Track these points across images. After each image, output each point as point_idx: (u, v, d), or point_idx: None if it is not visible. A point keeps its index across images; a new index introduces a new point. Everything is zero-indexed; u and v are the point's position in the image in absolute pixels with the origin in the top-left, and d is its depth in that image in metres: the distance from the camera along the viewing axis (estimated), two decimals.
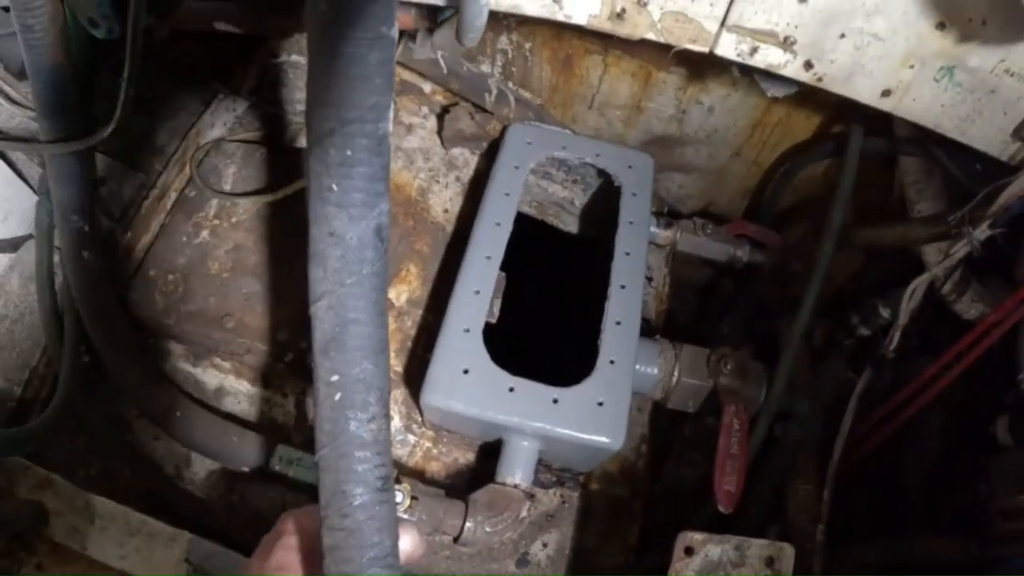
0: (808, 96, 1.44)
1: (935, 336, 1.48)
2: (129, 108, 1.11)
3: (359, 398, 0.71)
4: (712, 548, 1.05)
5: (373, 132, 0.69)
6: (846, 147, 1.47)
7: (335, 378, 0.71)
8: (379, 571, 0.70)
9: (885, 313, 1.56)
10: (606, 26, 1.22)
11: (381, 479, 0.72)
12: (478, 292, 1.25)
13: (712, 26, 1.19)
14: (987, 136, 1.25)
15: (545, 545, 1.27)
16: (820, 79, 1.19)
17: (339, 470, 0.71)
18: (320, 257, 0.70)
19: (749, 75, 1.31)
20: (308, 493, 1.19)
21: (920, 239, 1.45)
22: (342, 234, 0.68)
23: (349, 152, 0.68)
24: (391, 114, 0.70)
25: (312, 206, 0.69)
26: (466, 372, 1.17)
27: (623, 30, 1.22)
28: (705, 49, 1.19)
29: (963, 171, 1.37)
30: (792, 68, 1.18)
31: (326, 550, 0.71)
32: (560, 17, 1.21)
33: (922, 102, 1.22)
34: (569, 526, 1.29)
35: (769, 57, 1.18)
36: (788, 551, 1.06)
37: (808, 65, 1.18)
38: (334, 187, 0.67)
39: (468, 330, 1.21)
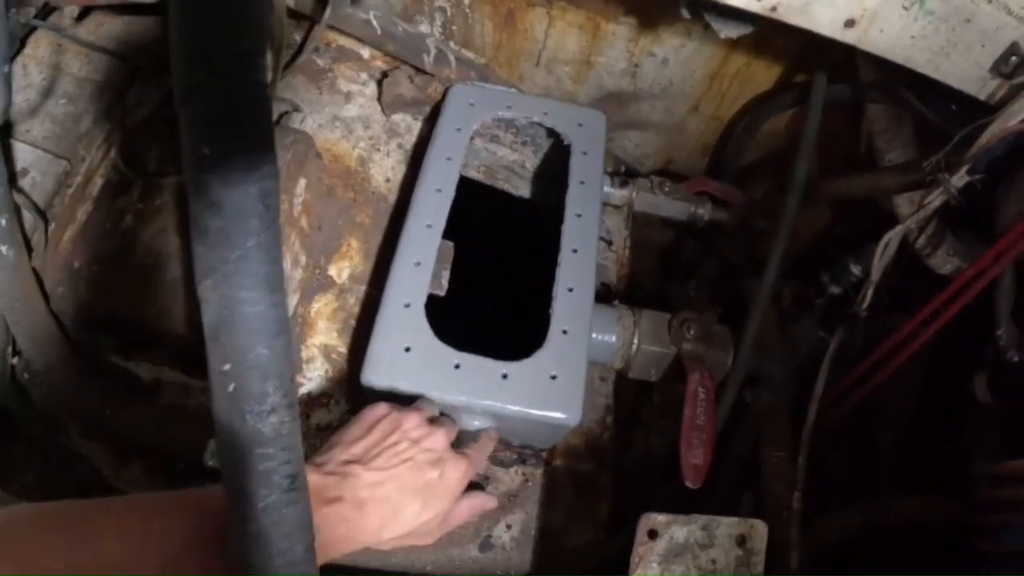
0: (767, 42, 1.36)
1: (910, 293, 1.42)
2: (11, 90, 1.03)
3: (255, 388, 0.63)
4: (678, 530, 0.98)
5: (246, 82, 0.60)
6: (809, 96, 1.38)
7: (227, 367, 0.63)
8: None
9: (856, 270, 1.49)
10: None
11: (288, 477, 0.64)
12: (419, 264, 1.17)
13: None
14: (963, 71, 1.15)
15: (509, 527, 1.21)
16: (774, 8, 1.08)
17: (239, 470, 0.63)
18: (201, 231, 0.61)
19: (702, 21, 1.22)
20: None
21: (891, 188, 1.38)
22: (220, 203, 0.60)
23: (220, 108, 0.59)
24: (268, 61, 0.61)
25: (187, 174, 0.61)
26: (408, 350, 1.09)
27: None
28: None
29: (937, 113, 1.29)
30: None
31: (230, 559, 0.65)
32: None
33: (890, 33, 1.12)
34: (533, 505, 1.23)
35: None
36: (760, 528, 0.99)
37: None
38: (206, 150, 0.59)
39: (409, 305, 1.13)
